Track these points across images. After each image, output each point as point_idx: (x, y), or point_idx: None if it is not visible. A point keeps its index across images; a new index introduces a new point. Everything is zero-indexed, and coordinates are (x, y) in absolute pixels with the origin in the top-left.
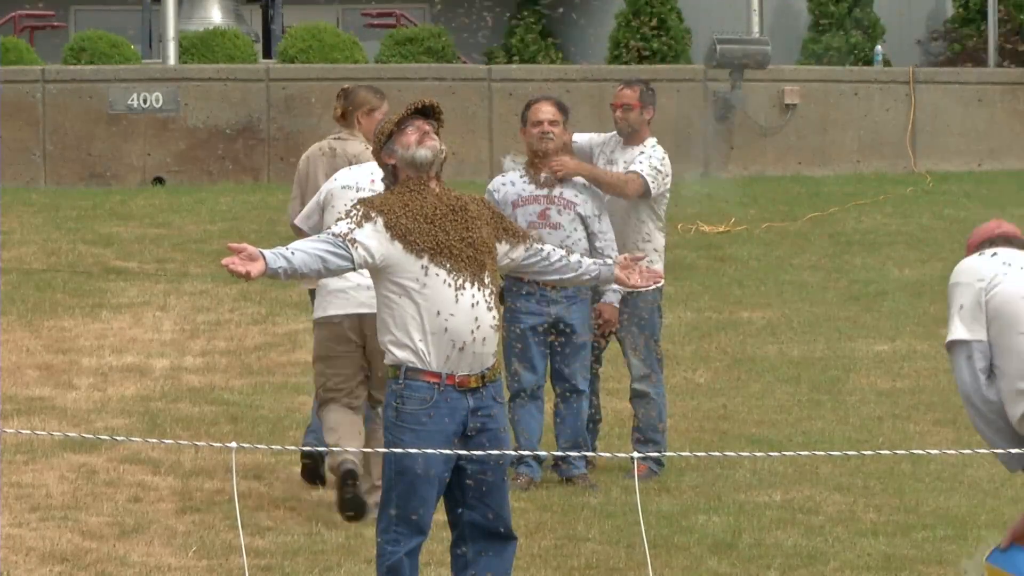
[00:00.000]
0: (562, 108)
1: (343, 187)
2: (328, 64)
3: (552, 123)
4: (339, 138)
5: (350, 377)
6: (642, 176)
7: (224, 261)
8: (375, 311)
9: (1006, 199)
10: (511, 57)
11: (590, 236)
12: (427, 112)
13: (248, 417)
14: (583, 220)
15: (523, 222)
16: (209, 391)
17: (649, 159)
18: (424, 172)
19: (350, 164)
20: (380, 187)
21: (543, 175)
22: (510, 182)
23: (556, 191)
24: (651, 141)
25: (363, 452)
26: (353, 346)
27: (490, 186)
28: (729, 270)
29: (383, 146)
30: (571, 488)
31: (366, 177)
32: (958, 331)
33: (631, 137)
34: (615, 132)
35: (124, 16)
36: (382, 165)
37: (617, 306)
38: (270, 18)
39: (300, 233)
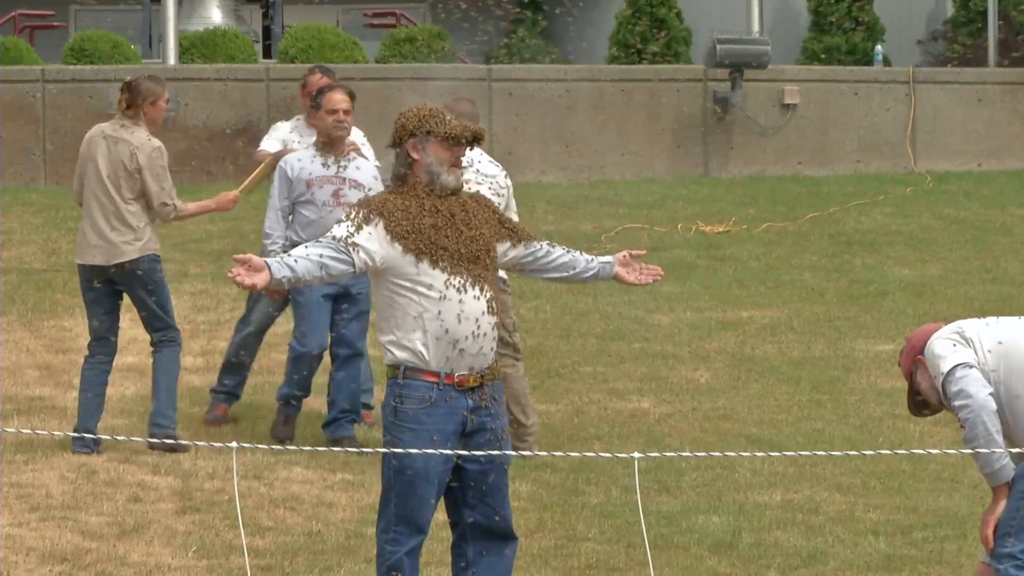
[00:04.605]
0: (352, 96)
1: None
2: (328, 64)
3: (347, 112)
4: (124, 126)
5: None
6: None
7: (230, 273)
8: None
9: (1006, 199)
10: (511, 57)
11: None
12: (471, 140)
13: (248, 417)
14: None
15: (319, 200)
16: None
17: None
18: (437, 190)
19: (132, 152)
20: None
21: (334, 159)
22: (307, 159)
23: (348, 173)
24: (361, 135)
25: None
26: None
27: (284, 162)
28: (729, 270)
29: (414, 135)
30: (571, 488)
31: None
32: None
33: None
34: (297, 120)
35: (124, 16)
36: (402, 152)
37: None
38: (269, 18)
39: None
